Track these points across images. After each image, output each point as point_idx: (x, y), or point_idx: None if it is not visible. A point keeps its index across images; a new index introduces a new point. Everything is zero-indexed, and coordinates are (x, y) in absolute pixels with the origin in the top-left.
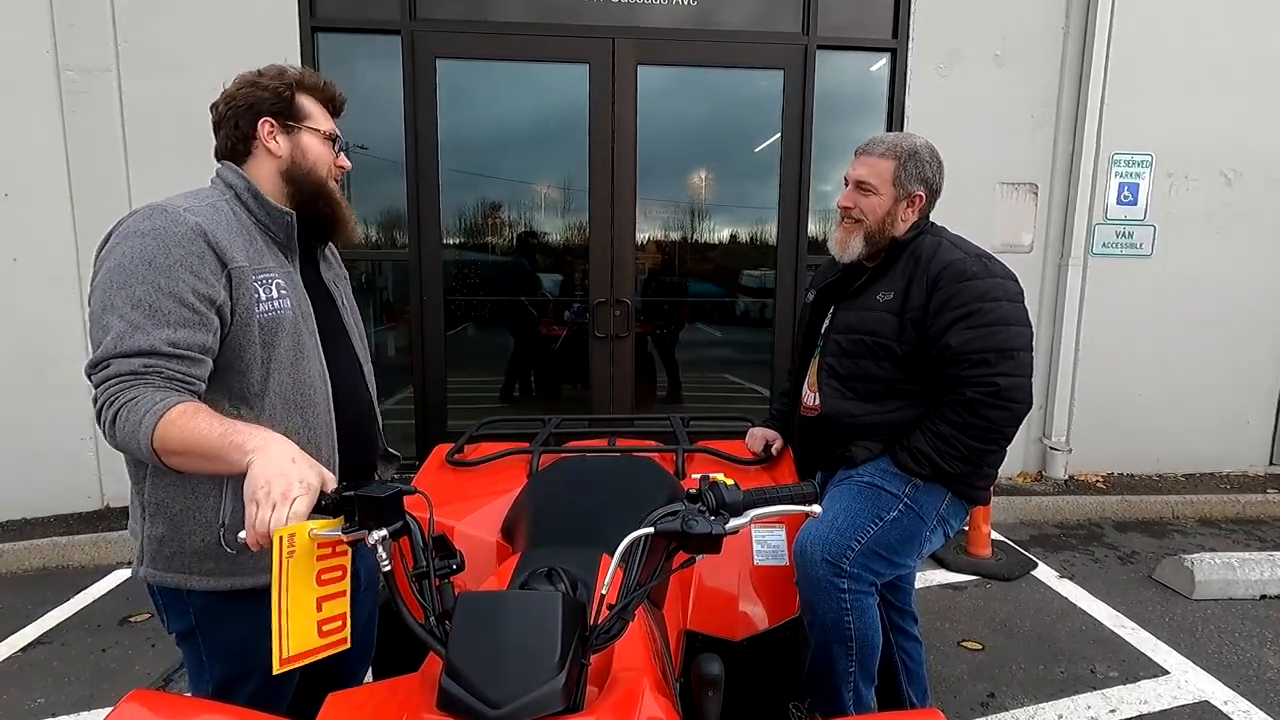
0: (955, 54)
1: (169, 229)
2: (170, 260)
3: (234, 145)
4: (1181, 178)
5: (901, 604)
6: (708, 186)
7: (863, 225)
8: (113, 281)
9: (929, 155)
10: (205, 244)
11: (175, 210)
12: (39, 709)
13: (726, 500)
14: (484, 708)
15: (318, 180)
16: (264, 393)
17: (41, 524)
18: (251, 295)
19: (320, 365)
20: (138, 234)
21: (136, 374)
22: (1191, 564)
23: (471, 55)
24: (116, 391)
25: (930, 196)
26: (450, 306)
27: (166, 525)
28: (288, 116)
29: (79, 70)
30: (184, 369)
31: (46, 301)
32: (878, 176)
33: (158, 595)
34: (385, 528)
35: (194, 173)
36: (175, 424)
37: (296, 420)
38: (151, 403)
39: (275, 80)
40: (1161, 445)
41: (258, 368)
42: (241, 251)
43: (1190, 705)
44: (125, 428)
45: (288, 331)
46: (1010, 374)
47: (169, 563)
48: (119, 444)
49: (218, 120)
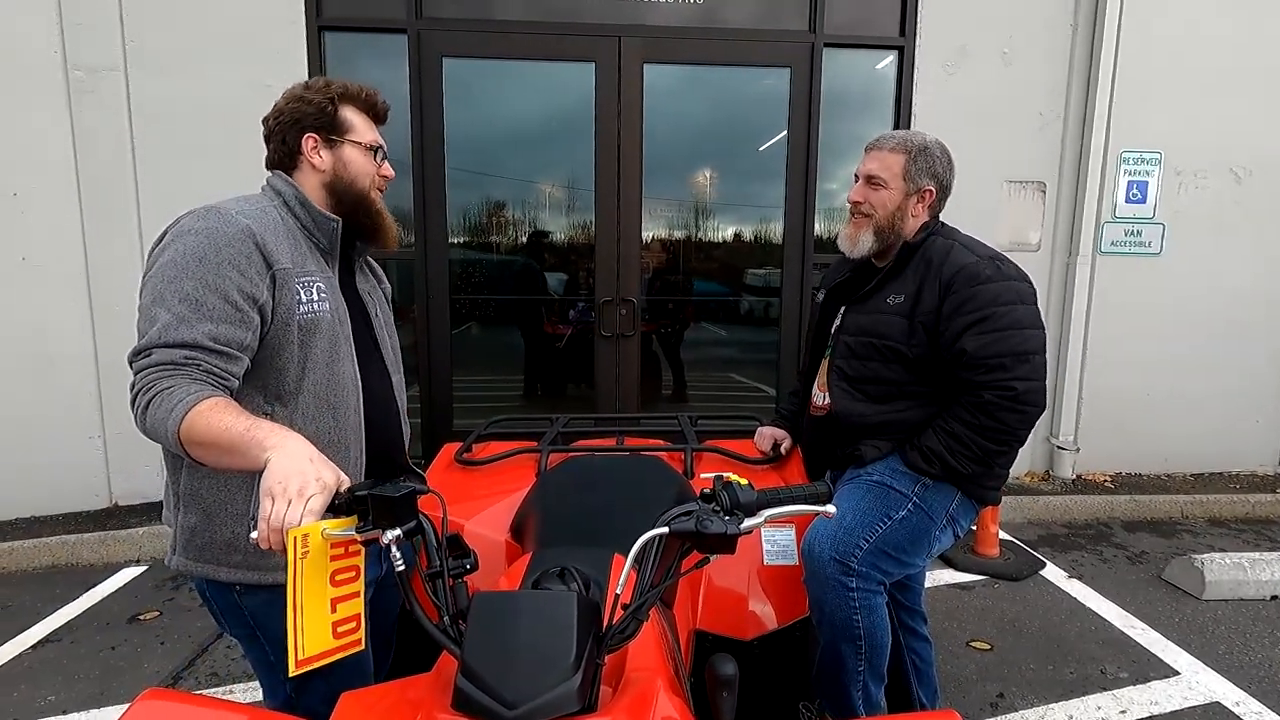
0: (963, 52)
1: (220, 229)
2: (220, 259)
3: (281, 159)
4: (1191, 175)
5: (911, 604)
6: (713, 185)
7: (873, 220)
8: (164, 276)
9: (940, 152)
10: (254, 245)
11: (227, 212)
12: (49, 706)
13: (741, 500)
14: (500, 708)
15: (359, 193)
16: (298, 391)
17: (50, 522)
18: (293, 296)
19: (353, 369)
20: (191, 232)
21: (176, 364)
22: (1201, 564)
23: (477, 54)
24: (154, 379)
25: (940, 193)
26: (456, 305)
27: (199, 516)
28: (330, 131)
29: (87, 70)
30: (222, 365)
31: (54, 301)
32: (888, 170)
33: (210, 600)
34: (399, 527)
35: (201, 171)
36: (203, 416)
37: (328, 420)
38: (185, 393)
39: (319, 94)
40: (1170, 445)
41: (294, 366)
42: (287, 254)
43: (1201, 706)
44: (156, 414)
45: (325, 334)
46: (1026, 378)
47: (200, 553)
48: (148, 430)
49: (267, 134)
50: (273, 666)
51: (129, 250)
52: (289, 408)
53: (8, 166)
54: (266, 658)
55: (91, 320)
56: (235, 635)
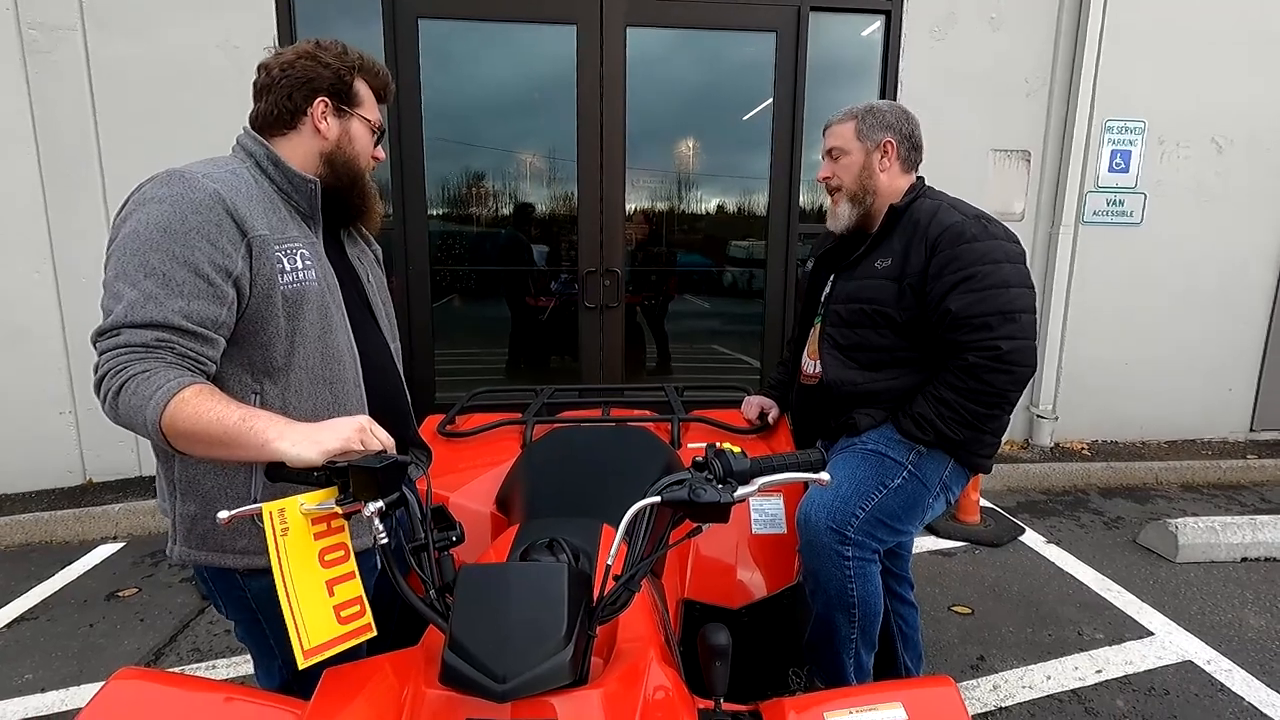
0: (950, 17)
1: (186, 195)
2: (186, 228)
3: (279, 115)
4: (1173, 145)
5: (900, 571)
6: (697, 154)
7: (844, 189)
8: (127, 248)
9: (888, 108)
10: (224, 211)
11: (193, 176)
12: (26, 685)
13: (734, 468)
14: (489, 682)
15: (357, 171)
16: (289, 367)
17: (23, 499)
18: (274, 265)
19: (349, 340)
20: (154, 200)
21: (148, 347)
22: (1175, 528)
23: (454, 15)
24: (124, 363)
25: (903, 142)
26: (437, 277)
27: (198, 503)
28: (344, 100)
29: (42, 29)
30: (197, 347)
31: (17, 271)
32: (843, 139)
33: (209, 584)
34: (382, 499)
35: (167, 135)
36: (188, 405)
37: (325, 395)
38: (164, 380)
39: (338, 59)
40: (1146, 413)
41: (281, 340)
42: (263, 220)
43: (1174, 665)
44: (131, 403)
45: (314, 304)
46: (1013, 336)
47: (203, 541)
48: (120, 418)
49: (267, 84)
50: (273, 650)
51: (94, 218)
52: (279, 384)
53: None
54: (266, 641)
55: (57, 292)
56: (233, 618)
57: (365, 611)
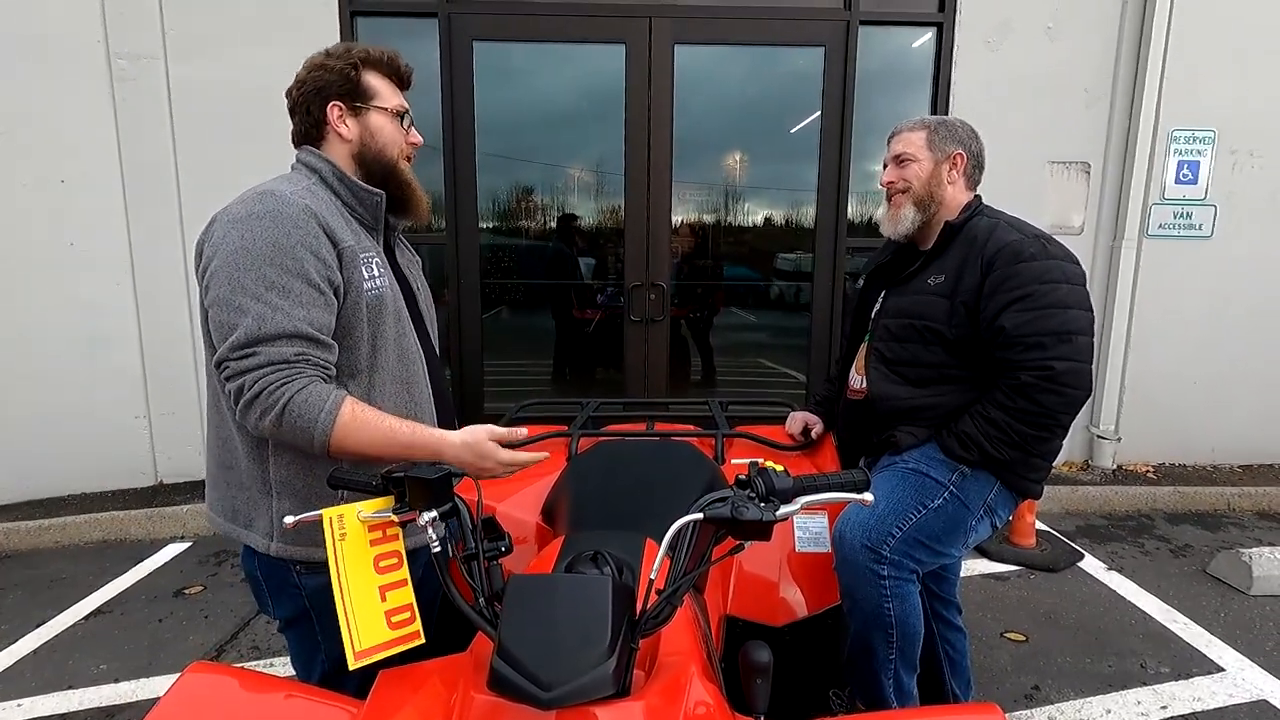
0: (1005, 27)
1: (284, 211)
2: (292, 241)
3: (307, 131)
4: (1246, 155)
5: (946, 594)
6: (744, 167)
7: (911, 192)
8: (239, 264)
9: (959, 124)
10: (318, 225)
11: (282, 194)
12: (101, 675)
13: (776, 487)
14: (535, 689)
15: (389, 162)
16: (371, 369)
17: (99, 499)
18: (359, 274)
19: (416, 344)
20: (254, 217)
21: (289, 363)
22: (1249, 558)
23: (508, 37)
24: (272, 383)
25: (971, 160)
26: (486, 289)
27: (293, 502)
28: (355, 98)
29: (129, 58)
30: (325, 355)
31: (101, 284)
32: (913, 146)
33: (264, 584)
34: (435, 509)
35: (239, 154)
36: (356, 419)
37: (403, 396)
38: (319, 400)
39: (340, 60)
40: (1217, 435)
41: (364, 344)
42: (345, 231)
43: (1247, 704)
44: (297, 424)
45: (390, 310)
46: (1067, 358)
47: (297, 536)
48: (281, 435)
49: (291, 106)
50: (317, 645)
51: (170, 233)
52: (363, 386)
53: (56, 155)
54: (314, 637)
55: (136, 302)
56: (280, 615)
57: (415, 619)
